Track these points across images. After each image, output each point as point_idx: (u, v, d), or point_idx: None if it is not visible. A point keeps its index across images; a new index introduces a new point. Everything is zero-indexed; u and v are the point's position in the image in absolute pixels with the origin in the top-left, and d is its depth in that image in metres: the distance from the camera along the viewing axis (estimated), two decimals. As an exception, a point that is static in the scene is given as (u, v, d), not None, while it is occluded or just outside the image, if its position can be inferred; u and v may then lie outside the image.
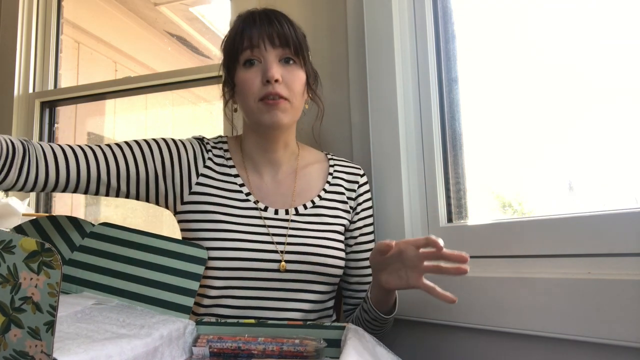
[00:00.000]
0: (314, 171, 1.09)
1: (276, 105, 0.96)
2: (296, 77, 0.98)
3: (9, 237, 0.49)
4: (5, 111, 1.84)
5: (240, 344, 0.80)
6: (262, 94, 0.96)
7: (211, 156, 1.03)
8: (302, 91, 1.00)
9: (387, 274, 0.86)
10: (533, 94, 1.01)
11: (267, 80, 0.95)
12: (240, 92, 0.99)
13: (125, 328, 0.73)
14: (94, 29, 2.51)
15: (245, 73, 0.97)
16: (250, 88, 0.96)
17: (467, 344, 0.96)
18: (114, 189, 0.94)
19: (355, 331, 0.77)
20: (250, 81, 0.96)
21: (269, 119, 0.96)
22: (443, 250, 0.77)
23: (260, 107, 0.96)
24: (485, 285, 0.91)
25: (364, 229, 1.08)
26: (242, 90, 0.98)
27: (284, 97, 0.96)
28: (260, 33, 0.96)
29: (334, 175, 1.09)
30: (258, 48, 0.96)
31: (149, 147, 0.97)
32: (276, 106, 0.96)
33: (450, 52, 1.15)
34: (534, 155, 1.01)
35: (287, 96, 0.96)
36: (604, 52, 0.90)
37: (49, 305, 0.47)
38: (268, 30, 0.96)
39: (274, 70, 0.95)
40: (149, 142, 0.98)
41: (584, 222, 0.83)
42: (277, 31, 0.96)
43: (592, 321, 0.74)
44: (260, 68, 0.96)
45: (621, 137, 0.87)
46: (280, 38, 0.96)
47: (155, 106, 2.22)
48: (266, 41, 0.96)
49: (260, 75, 0.96)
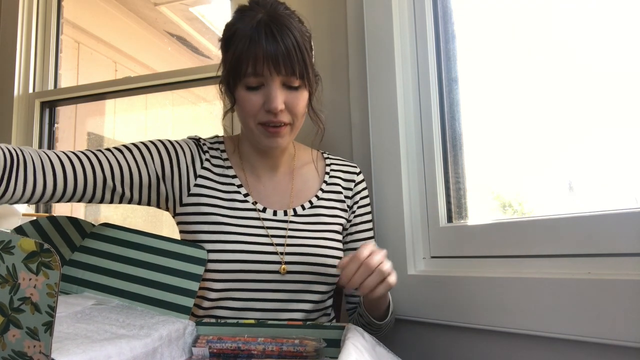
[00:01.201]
0: (310, 171, 1.08)
1: (278, 133, 0.94)
2: (299, 100, 0.95)
3: (8, 238, 0.49)
4: (5, 111, 1.84)
5: (240, 344, 0.80)
6: (263, 120, 0.93)
7: (208, 157, 1.02)
8: (304, 112, 0.98)
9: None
10: (533, 94, 1.01)
11: (269, 110, 0.92)
12: (240, 109, 0.96)
13: (125, 328, 0.73)
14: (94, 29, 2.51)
15: (247, 94, 0.93)
16: (251, 110, 0.94)
17: (467, 344, 0.96)
18: (119, 194, 0.92)
19: (354, 331, 0.77)
20: (252, 103, 0.93)
21: (268, 144, 0.96)
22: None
23: (261, 130, 0.95)
24: (485, 285, 0.91)
25: (361, 226, 1.08)
26: (242, 109, 0.95)
27: (286, 123, 0.94)
28: (266, 57, 0.89)
29: (331, 174, 1.09)
30: (262, 74, 0.91)
31: (148, 150, 0.96)
32: (278, 134, 0.94)
33: (450, 52, 1.15)
34: (534, 155, 1.01)
35: (289, 122, 0.95)
36: (604, 52, 0.90)
37: (47, 305, 0.47)
38: (274, 52, 0.89)
39: (278, 102, 0.91)
40: (147, 145, 0.97)
41: (584, 222, 0.83)
42: (282, 55, 0.89)
43: (592, 321, 0.74)
44: (263, 92, 0.92)
45: (621, 137, 0.87)
46: (285, 64, 0.90)
47: (155, 106, 2.22)
48: (271, 68, 0.90)
49: (263, 99, 0.92)
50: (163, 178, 0.97)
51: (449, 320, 0.97)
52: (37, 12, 1.92)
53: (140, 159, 0.94)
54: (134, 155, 0.94)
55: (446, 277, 1.00)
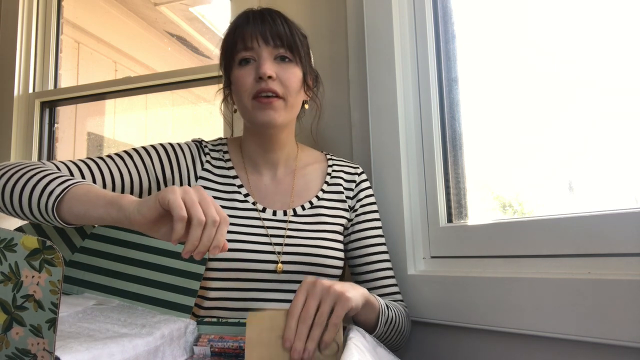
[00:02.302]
0: (312, 171, 1.09)
1: (270, 104, 0.96)
2: (291, 74, 0.98)
3: (10, 236, 0.50)
4: (5, 111, 1.83)
5: (242, 344, 0.80)
6: (255, 90, 0.96)
7: (209, 159, 1.04)
8: (297, 88, 0.99)
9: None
10: (533, 94, 1.01)
11: (260, 77, 0.95)
12: (235, 90, 1.00)
13: (127, 327, 0.73)
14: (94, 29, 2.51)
15: (239, 71, 0.98)
16: (243, 85, 0.97)
17: (467, 344, 0.96)
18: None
19: (356, 331, 0.77)
20: (244, 78, 0.97)
21: (262, 118, 0.96)
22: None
23: (254, 104, 0.97)
24: (485, 285, 0.91)
25: (365, 224, 1.06)
26: (236, 88, 0.99)
27: (278, 94, 0.96)
28: (254, 31, 0.96)
29: (332, 175, 1.09)
30: (252, 46, 0.97)
31: (149, 154, 0.97)
32: (270, 105, 0.96)
33: (450, 52, 1.15)
34: (534, 156, 1.02)
35: (281, 94, 0.96)
36: (604, 51, 0.90)
37: (50, 302, 0.48)
38: (261, 28, 0.97)
39: (267, 67, 0.95)
40: (147, 150, 0.98)
41: (584, 222, 0.83)
42: (270, 29, 0.97)
43: (592, 321, 0.74)
44: (254, 66, 0.97)
45: (621, 137, 0.87)
46: (273, 36, 0.97)
47: (155, 106, 2.22)
48: (259, 39, 0.96)
49: (254, 72, 0.96)
50: (164, 181, 0.98)
51: (449, 320, 0.97)
52: (37, 12, 1.91)
53: (141, 164, 0.95)
54: (134, 160, 0.95)
55: (446, 277, 1.00)
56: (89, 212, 0.72)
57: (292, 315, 0.73)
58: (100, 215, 0.71)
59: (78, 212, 0.72)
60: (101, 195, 0.72)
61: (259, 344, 0.73)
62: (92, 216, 0.72)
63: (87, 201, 0.72)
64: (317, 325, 0.72)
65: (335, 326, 0.73)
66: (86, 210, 0.72)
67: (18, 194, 0.76)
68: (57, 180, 0.75)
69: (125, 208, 0.69)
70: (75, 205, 0.72)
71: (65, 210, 0.73)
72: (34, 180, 0.76)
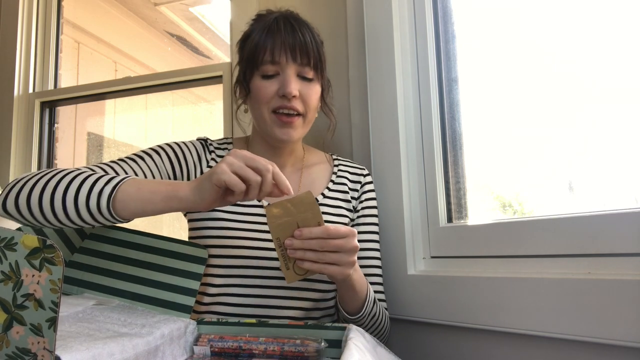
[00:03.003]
0: (319, 171, 1.10)
1: (291, 124, 0.96)
2: (313, 92, 0.98)
3: (11, 235, 0.50)
4: (5, 111, 1.84)
5: (242, 344, 0.80)
6: (276, 105, 0.96)
7: (214, 157, 1.04)
8: (317, 105, 1.01)
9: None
10: (533, 93, 1.01)
11: (283, 95, 0.95)
12: (254, 98, 0.99)
13: (127, 327, 0.73)
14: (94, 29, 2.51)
15: (261, 82, 0.97)
16: (265, 96, 0.96)
17: (467, 344, 0.96)
18: None
19: (356, 331, 0.77)
20: (266, 89, 0.96)
21: (280, 135, 0.97)
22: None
23: (274, 119, 0.97)
24: (485, 285, 0.91)
25: (361, 227, 1.07)
26: (256, 97, 0.98)
27: (299, 112, 0.96)
28: (283, 45, 0.94)
29: (337, 174, 1.10)
30: (279, 61, 0.95)
31: (159, 155, 0.98)
32: (291, 124, 0.96)
33: (450, 52, 1.15)
34: (534, 156, 1.02)
35: (302, 111, 0.97)
36: (603, 51, 0.90)
37: (51, 301, 0.47)
38: (291, 42, 0.94)
39: (292, 87, 0.94)
40: (157, 150, 0.99)
41: (584, 222, 0.83)
42: (300, 45, 0.95)
43: (592, 321, 0.74)
44: (278, 80, 0.96)
45: (621, 137, 0.87)
46: (302, 53, 0.95)
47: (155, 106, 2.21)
48: (288, 55, 0.94)
49: (278, 86, 0.95)
50: (174, 180, 0.98)
51: (449, 320, 0.97)
52: (37, 12, 1.91)
53: (153, 165, 0.96)
54: (146, 162, 0.95)
55: (446, 277, 1.00)
56: (146, 208, 0.75)
57: (326, 230, 0.79)
58: (160, 210, 0.76)
59: (135, 210, 0.75)
60: (155, 191, 0.75)
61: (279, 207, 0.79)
62: (151, 211, 0.76)
63: (141, 199, 0.75)
64: (325, 256, 0.79)
65: (324, 268, 0.80)
66: (144, 207, 0.75)
67: (60, 200, 0.75)
68: (101, 180, 0.76)
69: (185, 199, 0.74)
70: (130, 203, 0.75)
71: (119, 208, 0.75)
72: (76, 184, 0.76)
